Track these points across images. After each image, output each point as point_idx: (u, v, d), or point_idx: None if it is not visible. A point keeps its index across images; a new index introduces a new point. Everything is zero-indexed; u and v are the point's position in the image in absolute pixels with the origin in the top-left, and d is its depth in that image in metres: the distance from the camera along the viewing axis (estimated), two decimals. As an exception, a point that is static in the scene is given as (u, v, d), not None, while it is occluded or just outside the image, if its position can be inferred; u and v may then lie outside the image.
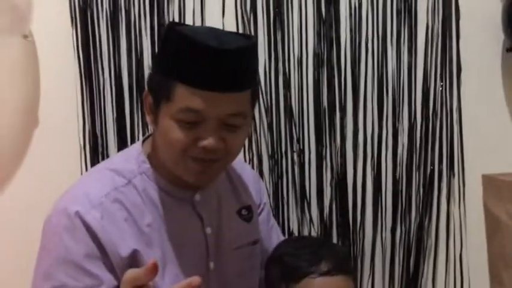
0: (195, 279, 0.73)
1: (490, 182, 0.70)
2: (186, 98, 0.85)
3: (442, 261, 1.58)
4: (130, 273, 0.75)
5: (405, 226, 1.56)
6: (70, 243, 0.88)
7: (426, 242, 1.57)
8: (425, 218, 1.56)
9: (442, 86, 1.55)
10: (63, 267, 0.87)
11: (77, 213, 0.89)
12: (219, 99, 0.86)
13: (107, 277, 0.88)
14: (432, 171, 1.56)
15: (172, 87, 0.86)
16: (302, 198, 1.53)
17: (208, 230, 1.02)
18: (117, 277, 0.89)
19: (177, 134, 0.87)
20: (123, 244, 0.90)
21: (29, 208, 1.44)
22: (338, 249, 0.99)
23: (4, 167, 1.46)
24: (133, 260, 0.90)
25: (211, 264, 1.02)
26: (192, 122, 0.87)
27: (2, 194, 1.46)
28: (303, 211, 1.54)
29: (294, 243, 0.99)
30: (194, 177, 0.93)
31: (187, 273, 0.97)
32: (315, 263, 0.89)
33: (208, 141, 0.87)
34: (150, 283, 0.74)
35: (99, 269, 0.88)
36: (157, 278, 0.92)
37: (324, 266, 0.88)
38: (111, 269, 0.89)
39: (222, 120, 0.88)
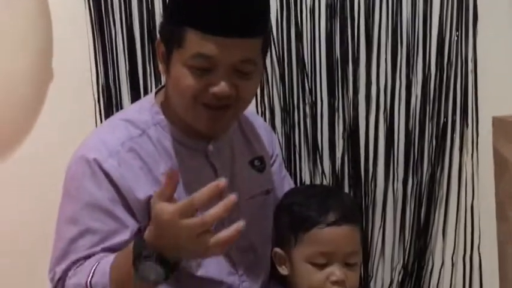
0: (222, 181, 0.75)
1: (500, 124, 0.71)
2: (197, 44, 0.86)
3: (453, 211, 1.59)
4: (155, 192, 0.76)
5: (417, 177, 1.57)
6: (93, 188, 0.91)
7: (438, 192, 1.58)
8: (437, 169, 1.57)
9: (457, 35, 1.53)
10: (88, 211, 0.91)
11: (95, 160, 0.92)
12: (230, 45, 0.86)
13: (130, 221, 0.92)
14: (445, 122, 1.55)
15: (184, 33, 0.86)
16: (314, 150, 1.54)
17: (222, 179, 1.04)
18: (138, 221, 0.92)
19: (188, 80, 0.88)
20: (139, 190, 0.93)
21: (46, 161, 1.47)
22: (345, 198, 1.00)
23: (21, 120, 1.48)
24: (150, 205, 0.93)
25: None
26: (203, 69, 0.87)
27: (20, 147, 1.48)
28: (315, 163, 1.55)
29: (302, 192, 1.01)
30: (205, 125, 0.94)
31: None
32: (322, 214, 0.91)
33: (220, 87, 0.88)
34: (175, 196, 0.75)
35: (122, 212, 0.91)
36: None
37: (331, 217, 0.90)
38: (132, 213, 0.92)
39: (233, 66, 0.88)
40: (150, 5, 1.45)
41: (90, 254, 0.89)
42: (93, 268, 0.86)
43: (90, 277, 0.85)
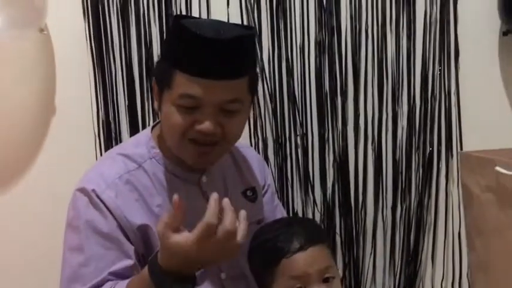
0: (214, 196, 0.86)
1: (465, 158, 0.76)
2: (184, 85, 0.92)
3: (441, 237, 1.64)
4: (163, 223, 0.83)
5: (405, 205, 1.62)
6: (94, 216, 0.96)
7: (426, 219, 1.63)
8: (425, 196, 1.62)
9: (440, 70, 1.61)
10: (92, 239, 0.96)
11: (94, 191, 0.97)
12: (215, 86, 0.92)
13: (130, 247, 0.97)
14: (431, 152, 1.62)
15: (172, 75, 0.93)
16: (306, 180, 1.60)
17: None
18: (135, 250, 0.97)
19: (176, 118, 0.94)
20: (134, 219, 0.98)
21: (48, 194, 1.53)
22: (308, 223, 1.05)
23: (24, 154, 1.54)
24: (144, 233, 0.98)
25: None
26: (190, 107, 0.93)
27: (23, 180, 1.55)
28: (306, 192, 1.61)
29: (268, 228, 1.05)
30: (194, 159, 1.00)
31: None
32: (287, 243, 0.95)
33: (205, 125, 0.94)
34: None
35: (123, 239, 0.97)
36: None
37: (295, 244, 0.94)
38: (130, 241, 0.97)
39: (218, 105, 0.94)
40: (148, 45, 1.53)
41: (99, 284, 0.94)
42: None
43: None
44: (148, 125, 1.53)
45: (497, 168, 0.64)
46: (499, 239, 0.66)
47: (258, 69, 1.25)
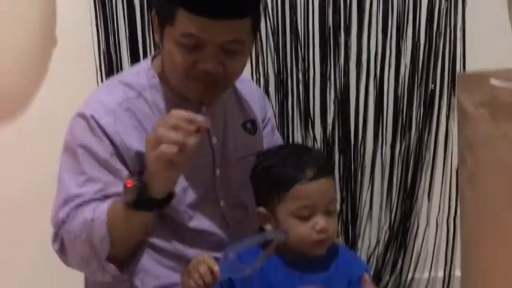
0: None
1: (463, 79, 0.75)
2: (186, 24, 0.91)
3: (439, 174, 1.67)
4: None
5: (405, 142, 1.63)
6: (92, 142, 0.97)
7: (424, 156, 1.65)
8: (425, 134, 1.63)
9: (447, 5, 1.57)
10: (90, 163, 0.97)
11: (92, 117, 0.98)
12: (217, 26, 0.91)
13: (126, 173, 0.98)
14: (433, 89, 1.61)
15: (174, 12, 0.92)
16: (306, 116, 1.61)
17: (214, 140, 1.09)
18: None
19: (179, 56, 0.94)
20: (132, 145, 0.99)
21: (50, 124, 1.55)
22: (317, 154, 1.06)
23: (27, 85, 1.55)
24: (142, 161, 0.97)
25: (218, 172, 1.10)
26: (192, 46, 0.93)
27: (28, 109, 1.56)
28: (306, 129, 1.62)
29: (275, 154, 1.06)
30: (197, 96, 1.00)
31: (195, 179, 1.06)
32: (299, 171, 0.95)
33: (207, 65, 0.94)
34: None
35: (119, 165, 0.98)
36: None
37: (309, 173, 0.95)
38: (127, 167, 0.99)
39: (220, 45, 0.93)
40: (149, -25, 1.50)
41: (92, 199, 0.96)
42: (96, 208, 0.94)
43: (93, 213, 0.93)
44: (150, 55, 1.52)
45: (492, 81, 0.64)
46: (489, 152, 0.66)
47: (261, 10, 1.23)
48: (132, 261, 1.01)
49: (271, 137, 1.29)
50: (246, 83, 1.25)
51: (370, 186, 1.67)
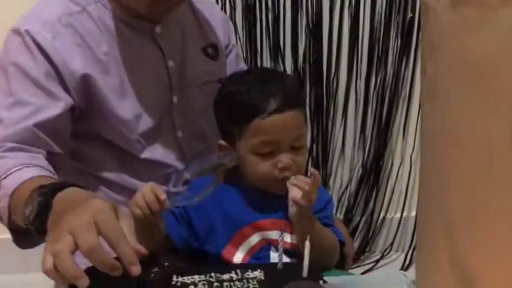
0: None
1: None
2: None
3: (415, 110, 1.59)
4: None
5: (381, 75, 1.54)
6: (26, 60, 0.86)
7: (400, 91, 1.57)
8: (402, 67, 1.54)
9: None
10: (21, 84, 0.86)
11: (27, 32, 0.86)
12: None
13: (64, 96, 0.87)
14: (412, 18, 1.51)
15: None
16: (276, 47, 1.49)
17: (171, 64, 0.99)
18: (73, 98, 0.88)
19: None
20: (75, 65, 0.87)
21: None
22: (287, 82, 0.94)
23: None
24: (87, 84, 0.89)
25: (175, 99, 1.01)
26: None
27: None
28: (276, 60, 1.51)
29: (241, 79, 0.94)
30: (148, 6, 0.89)
31: (149, 106, 0.96)
32: (263, 102, 0.84)
33: None
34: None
35: (56, 87, 0.86)
36: (115, 107, 0.91)
37: (272, 104, 0.84)
38: (66, 89, 0.87)
39: None
40: None
41: (18, 133, 0.84)
42: (11, 170, 0.79)
43: (3, 175, 0.79)
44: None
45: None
46: (449, 46, 0.57)
47: None
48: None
49: (235, 67, 1.19)
50: (208, 5, 1.14)
51: (343, 123, 1.58)
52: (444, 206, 0.60)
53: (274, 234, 0.84)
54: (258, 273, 0.71)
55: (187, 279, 0.71)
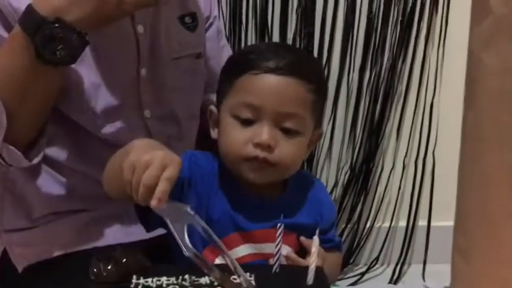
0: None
1: None
2: None
3: (410, 109, 1.45)
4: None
5: (376, 68, 1.39)
6: None
7: (396, 86, 1.42)
8: (399, 60, 1.40)
9: None
10: None
11: None
12: None
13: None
14: (413, 6, 1.37)
15: None
16: (263, 26, 1.33)
17: (140, 29, 0.85)
18: None
19: None
20: (20, 4, 0.73)
21: None
22: (307, 55, 0.80)
23: None
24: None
25: (143, 71, 0.87)
26: None
27: None
28: (263, 41, 1.34)
29: (260, 43, 0.81)
30: None
31: (111, 76, 0.82)
32: (263, 58, 0.71)
33: None
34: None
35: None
36: (68, 68, 0.75)
37: (272, 63, 0.70)
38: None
39: None
40: None
41: None
42: None
43: None
44: None
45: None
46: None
47: None
48: (35, 145, 0.77)
49: (215, 43, 1.05)
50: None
51: (332, 119, 1.42)
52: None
53: (268, 247, 0.69)
54: (247, 278, 0.54)
55: (151, 281, 0.55)
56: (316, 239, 0.56)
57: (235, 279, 0.54)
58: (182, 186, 0.70)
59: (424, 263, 1.49)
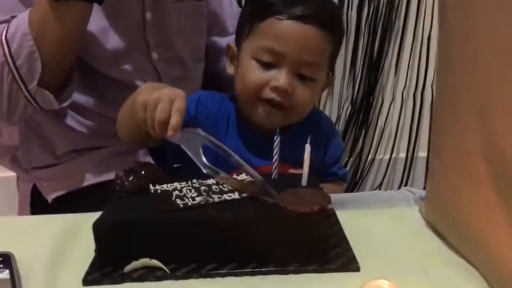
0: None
1: None
2: None
3: (408, 43, 1.49)
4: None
5: (374, 4, 1.42)
6: None
7: (394, 22, 1.45)
8: (396, -5, 1.42)
9: None
10: None
11: None
12: None
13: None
14: None
15: None
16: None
17: None
18: None
19: None
20: None
21: None
22: (333, 6, 0.81)
23: None
24: None
25: (148, 15, 0.90)
26: None
27: None
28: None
29: None
30: None
31: (119, 20, 0.86)
32: (289, 4, 0.72)
33: None
34: None
35: None
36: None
37: (298, 10, 0.71)
38: None
39: None
40: None
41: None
42: (7, 26, 0.75)
43: (4, 32, 0.75)
44: None
45: None
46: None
47: None
48: (66, 87, 0.82)
49: None
50: None
51: (332, 56, 1.46)
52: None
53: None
54: (259, 177, 0.61)
55: (166, 186, 0.62)
56: (307, 146, 0.61)
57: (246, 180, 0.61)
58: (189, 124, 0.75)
59: (424, 192, 1.56)
